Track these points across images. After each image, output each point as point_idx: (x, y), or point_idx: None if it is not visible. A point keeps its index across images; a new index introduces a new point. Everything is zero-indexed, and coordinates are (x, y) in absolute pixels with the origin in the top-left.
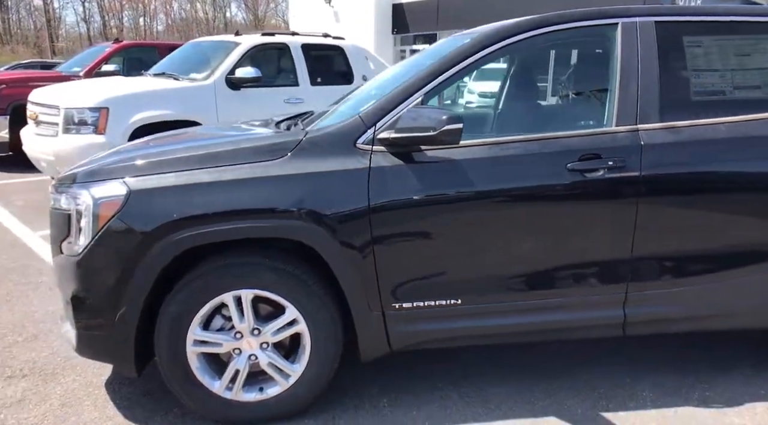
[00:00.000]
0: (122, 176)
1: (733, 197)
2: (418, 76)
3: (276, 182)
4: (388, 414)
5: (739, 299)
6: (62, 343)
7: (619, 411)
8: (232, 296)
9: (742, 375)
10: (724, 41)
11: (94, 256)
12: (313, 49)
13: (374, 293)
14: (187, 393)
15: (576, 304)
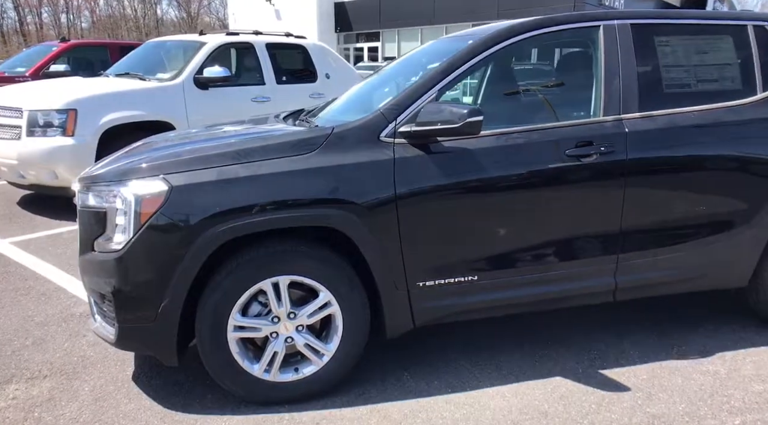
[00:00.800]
0: (161, 173)
1: (701, 175)
2: (431, 74)
3: (310, 174)
4: (412, 385)
5: (708, 263)
6: (74, 344)
7: (614, 368)
8: (271, 282)
9: (707, 331)
10: (688, 41)
11: (137, 251)
12: (277, 48)
13: (400, 274)
14: (228, 378)
15: (575, 275)
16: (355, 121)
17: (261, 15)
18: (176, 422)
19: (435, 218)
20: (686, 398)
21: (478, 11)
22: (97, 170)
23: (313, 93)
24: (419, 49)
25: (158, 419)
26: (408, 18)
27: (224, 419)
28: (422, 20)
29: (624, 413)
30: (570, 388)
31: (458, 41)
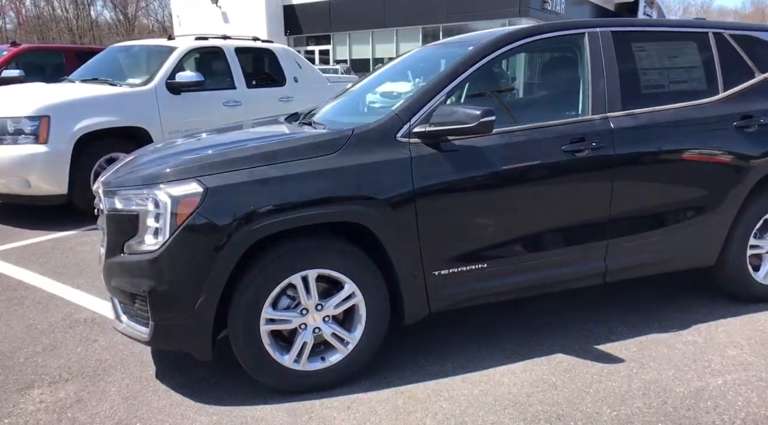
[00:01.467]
0: (194, 176)
1: (676, 166)
2: (439, 78)
3: (335, 174)
4: (428, 368)
5: (683, 245)
6: (87, 349)
7: (607, 343)
8: (300, 276)
9: (682, 307)
10: (659, 46)
11: (174, 251)
12: (245, 52)
13: (418, 264)
14: (260, 369)
15: (571, 260)
16: (373, 122)
17: (207, 17)
18: (212, 414)
19: (449, 211)
20: (673, 365)
21: (427, 15)
22: (122, 176)
23: (283, 97)
24: (407, 55)
25: (194, 412)
26: (359, 21)
27: (258, 409)
28: (373, 23)
29: (623, 381)
30: (572, 362)
31: (447, 47)
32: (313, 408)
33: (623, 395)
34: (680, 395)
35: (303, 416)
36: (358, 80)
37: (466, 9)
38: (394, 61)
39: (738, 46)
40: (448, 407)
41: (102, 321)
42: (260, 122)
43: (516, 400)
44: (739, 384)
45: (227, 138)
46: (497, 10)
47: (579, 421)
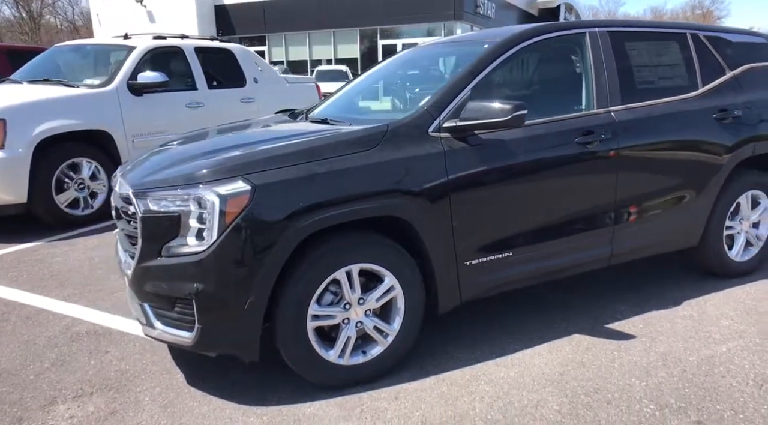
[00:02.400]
0: (240, 174)
1: (667, 155)
2: (462, 75)
3: (376, 169)
4: (460, 356)
5: (674, 228)
6: (101, 361)
7: (615, 322)
8: (345, 271)
9: (670, 286)
10: (649, 45)
11: (224, 251)
12: (205, 52)
13: (451, 254)
14: (307, 366)
15: (584, 245)
16: (404, 118)
17: (130, 17)
18: (262, 415)
19: (479, 202)
20: (680, 337)
21: (365, 17)
22: (154, 176)
23: (244, 98)
24: (400, 56)
25: (241, 414)
26: (295, 22)
27: (307, 406)
28: (310, 25)
29: (641, 354)
30: (590, 341)
31: (454, 46)
32: (362, 401)
33: (646, 367)
34: (695, 363)
35: (355, 409)
36: (350, 80)
37: (403, 12)
38: (387, 61)
39: (710, 46)
40: (491, 389)
41: (105, 332)
42: (267, 121)
43: (552, 379)
44: (741, 349)
45: (250, 136)
46: (433, 13)
47: (615, 393)
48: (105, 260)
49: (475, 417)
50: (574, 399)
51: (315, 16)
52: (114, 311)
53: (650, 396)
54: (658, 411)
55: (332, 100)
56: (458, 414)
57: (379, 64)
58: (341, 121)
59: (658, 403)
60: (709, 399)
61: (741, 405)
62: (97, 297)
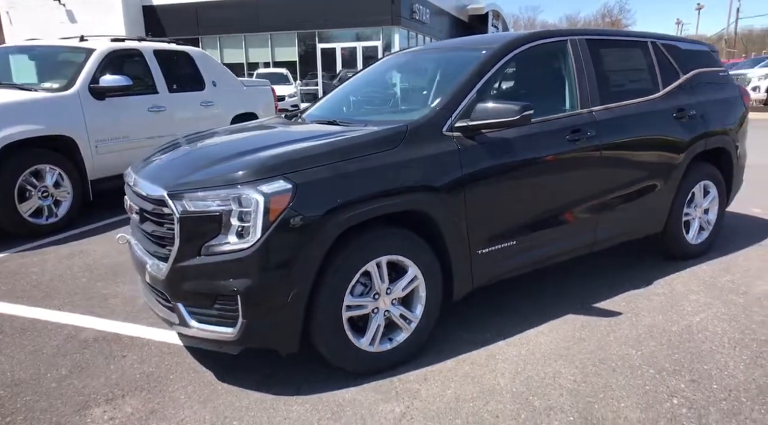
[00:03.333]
0: (280, 173)
1: (638, 150)
2: (467, 78)
3: (401, 166)
4: (473, 339)
5: (644, 216)
6: (121, 365)
7: (600, 302)
8: (375, 263)
9: (641, 267)
10: (618, 52)
11: (268, 247)
12: (164, 55)
13: (466, 245)
14: (342, 354)
15: (575, 232)
16: (419, 119)
17: (46, 16)
18: (304, 403)
19: (488, 195)
20: (659, 311)
21: (303, 21)
22: (190, 177)
23: (204, 101)
24: (387, 60)
25: (283, 404)
26: (230, 25)
27: (346, 392)
28: (246, 27)
29: (630, 328)
30: (583, 320)
31: (449, 52)
32: (395, 384)
33: (637, 338)
34: (677, 332)
35: (390, 392)
36: (337, 86)
37: (341, 16)
38: (374, 65)
39: (667, 53)
40: (510, 366)
41: (113, 337)
42: (271, 123)
43: (560, 354)
44: (711, 318)
45: (272, 138)
46: (371, 18)
47: (617, 362)
48: (86, 269)
49: (502, 391)
50: (584, 369)
51: (251, 19)
52: (115, 318)
53: (648, 363)
54: (657, 374)
55: (327, 103)
56: (486, 390)
57: (366, 68)
58: (351, 122)
59: (655, 368)
60: (696, 361)
61: (723, 364)
62: (92, 305)
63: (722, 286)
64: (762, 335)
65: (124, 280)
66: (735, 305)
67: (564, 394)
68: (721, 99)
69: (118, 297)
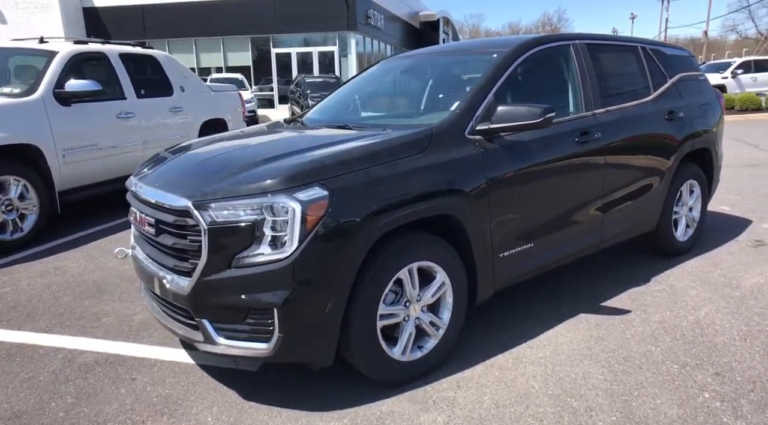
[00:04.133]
0: (316, 180)
1: (636, 150)
2: (483, 82)
3: (430, 170)
4: (491, 344)
5: (641, 214)
6: (132, 388)
7: (606, 300)
8: (407, 269)
9: (639, 266)
10: (614, 56)
11: (307, 257)
12: (130, 59)
13: (489, 248)
14: (376, 365)
15: (584, 232)
16: (442, 122)
17: None
18: (341, 419)
19: (509, 197)
20: (665, 307)
21: (256, 25)
22: (215, 186)
23: (173, 107)
24: (385, 64)
25: (319, 420)
26: (179, 28)
27: (381, 404)
28: (196, 31)
29: (642, 325)
30: (597, 319)
31: (454, 55)
32: (428, 393)
33: (652, 334)
34: (688, 327)
35: (427, 401)
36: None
37: (296, 20)
38: (370, 70)
39: (655, 57)
40: (539, 369)
41: (117, 360)
42: (275, 129)
43: (584, 354)
44: (715, 312)
45: (290, 143)
46: (327, 23)
47: (640, 359)
48: (66, 287)
49: (538, 394)
50: (611, 368)
51: (202, 23)
52: (113, 338)
53: (670, 358)
54: (682, 369)
55: (326, 108)
56: (522, 394)
57: (364, 73)
58: (365, 126)
59: (678, 363)
60: (715, 355)
61: (740, 356)
62: (83, 325)
63: (715, 281)
64: (765, 326)
65: (111, 297)
66: (733, 299)
67: (600, 394)
68: (702, 102)
69: (111, 316)
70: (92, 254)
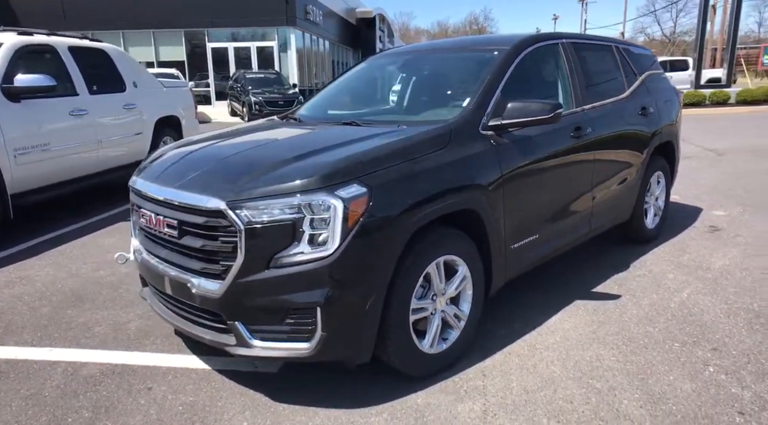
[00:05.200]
0: (355, 177)
1: (619, 144)
2: (490, 80)
3: (454, 166)
4: (504, 332)
5: (619, 205)
6: (152, 398)
7: (596, 287)
8: (435, 263)
9: (612, 254)
10: (594, 54)
11: (349, 255)
12: (80, 52)
13: (503, 240)
14: (408, 359)
15: (578, 223)
16: (458, 119)
17: None
18: (379, 413)
19: (519, 191)
20: (651, 290)
21: (190, 18)
22: (251, 184)
23: (127, 104)
24: (375, 61)
25: (359, 417)
26: (104, 20)
27: (415, 397)
28: (124, 23)
29: (635, 308)
30: (592, 305)
31: (449, 52)
32: (457, 384)
33: (647, 316)
34: (677, 307)
35: (458, 391)
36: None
37: (233, 14)
38: (360, 66)
39: (626, 56)
40: (554, 354)
41: (125, 370)
42: (275, 125)
43: (590, 337)
44: (696, 293)
45: (312, 140)
46: (266, 17)
47: (643, 339)
48: (41, 297)
49: (562, 377)
50: (620, 349)
51: (131, 14)
52: (112, 347)
53: (669, 337)
54: (683, 347)
55: (318, 105)
56: (547, 378)
57: (353, 70)
58: (375, 123)
59: (677, 341)
60: (708, 332)
61: (729, 332)
62: (75, 336)
63: (687, 264)
64: (742, 303)
65: (95, 306)
66: (707, 281)
67: (617, 374)
68: (666, 98)
69: (103, 325)
70: (58, 261)
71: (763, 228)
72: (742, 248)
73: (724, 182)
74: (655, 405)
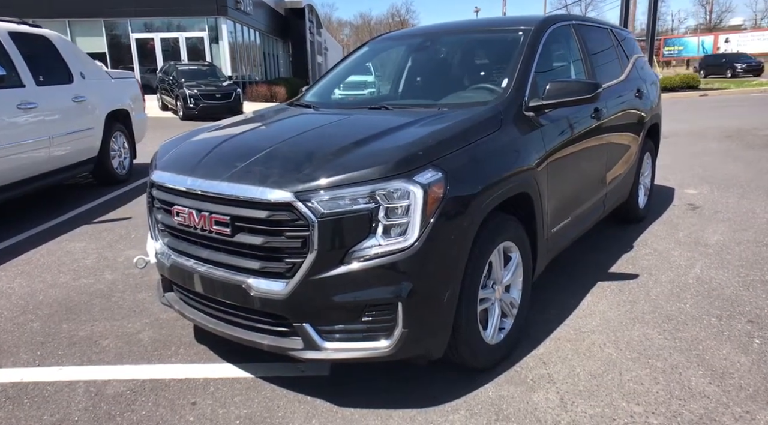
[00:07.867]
0: (429, 161)
1: (623, 126)
2: (525, 60)
3: (509, 148)
4: (543, 318)
5: (622, 186)
6: (200, 413)
7: (611, 267)
8: (496, 250)
9: (612, 236)
10: (598, 36)
11: (430, 244)
12: (22, 39)
13: (547, 224)
14: (476, 351)
15: (596, 205)
16: (502, 100)
17: None
18: (455, 410)
19: (560, 173)
20: (665, 268)
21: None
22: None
23: (76, 96)
24: (375, 45)
25: (437, 415)
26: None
27: (483, 391)
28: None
29: (657, 285)
30: (616, 285)
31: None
32: (521, 373)
33: (673, 292)
34: (695, 282)
35: (526, 381)
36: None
37: (160, 3)
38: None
39: (619, 39)
40: (602, 337)
41: (157, 385)
42: (298, 112)
43: (627, 317)
44: (707, 268)
45: (356, 126)
46: (195, 7)
47: (681, 316)
48: (23, 311)
49: (621, 359)
50: (663, 327)
51: (40, 2)
52: (132, 361)
53: (705, 313)
54: (720, 321)
55: (323, 90)
56: (607, 362)
57: (353, 55)
58: (407, 106)
59: (714, 315)
60: (737, 305)
61: (755, 303)
62: (83, 352)
63: (685, 241)
64: (755, 276)
65: (92, 317)
66: (712, 256)
67: (673, 352)
68: (652, 80)
69: (110, 337)
70: (27, 270)
71: (737, 203)
72: (728, 224)
73: (681, 162)
74: (722, 380)
